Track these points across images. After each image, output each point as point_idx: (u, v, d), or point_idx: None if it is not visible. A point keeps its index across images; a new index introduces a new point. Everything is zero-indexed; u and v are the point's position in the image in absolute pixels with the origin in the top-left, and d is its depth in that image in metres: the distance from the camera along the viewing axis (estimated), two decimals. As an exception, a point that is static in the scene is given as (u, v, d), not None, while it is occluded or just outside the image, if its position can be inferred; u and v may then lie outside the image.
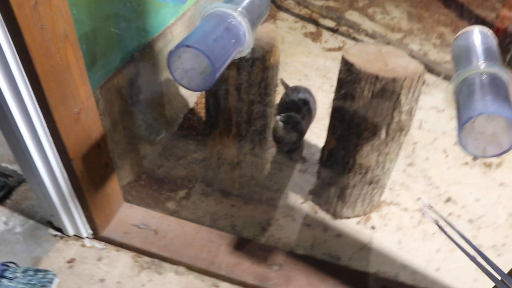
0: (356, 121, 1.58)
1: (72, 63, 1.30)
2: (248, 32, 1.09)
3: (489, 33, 1.22)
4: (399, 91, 1.46)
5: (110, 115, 1.69)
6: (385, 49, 1.61)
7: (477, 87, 1.00)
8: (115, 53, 1.64)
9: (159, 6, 1.87)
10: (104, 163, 1.64)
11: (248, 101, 1.59)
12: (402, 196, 2.10)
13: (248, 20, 1.07)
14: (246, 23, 1.07)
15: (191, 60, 1.03)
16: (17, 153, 1.45)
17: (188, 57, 1.02)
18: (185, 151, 2.19)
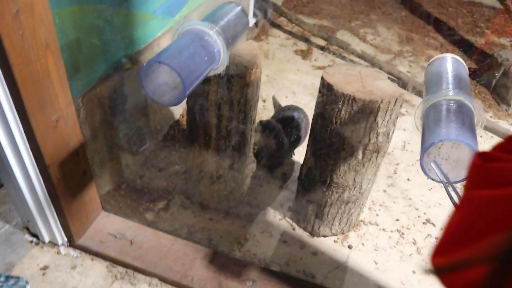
0: (334, 141, 1.60)
1: (52, 71, 1.31)
2: (223, 50, 1.11)
3: (461, 61, 1.25)
4: (375, 113, 1.49)
5: (91, 124, 1.70)
6: (365, 71, 1.63)
7: (443, 113, 1.02)
8: (99, 63, 1.66)
9: (147, 18, 1.89)
10: (82, 171, 1.64)
11: (228, 117, 1.60)
12: (381, 216, 2.11)
13: (223, 39, 1.10)
14: (221, 41, 1.09)
15: (164, 75, 1.05)
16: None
17: (162, 72, 1.04)
18: (167, 163, 2.20)
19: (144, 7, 1.84)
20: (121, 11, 1.70)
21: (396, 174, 2.37)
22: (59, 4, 1.37)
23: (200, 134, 1.71)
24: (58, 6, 1.37)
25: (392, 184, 2.30)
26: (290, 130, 2.20)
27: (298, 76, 3.07)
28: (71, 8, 1.43)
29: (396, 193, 2.25)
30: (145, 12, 1.86)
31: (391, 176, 2.35)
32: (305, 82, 3.00)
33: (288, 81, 3.00)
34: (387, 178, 2.33)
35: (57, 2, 1.35)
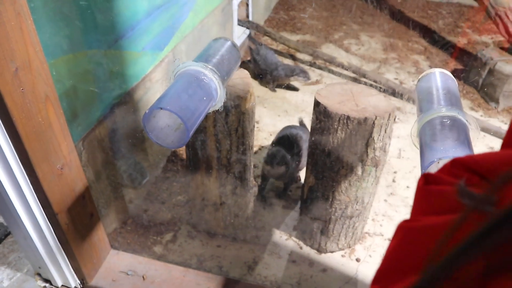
0: (332, 160, 1.63)
1: (54, 121, 1.34)
2: (219, 88, 1.14)
3: (449, 74, 1.29)
4: (371, 130, 1.53)
5: (93, 166, 1.72)
6: (356, 88, 1.68)
7: (438, 130, 1.06)
8: (95, 105, 1.69)
9: (137, 56, 1.93)
10: (89, 213, 1.66)
11: (227, 147, 1.64)
12: (385, 226, 2.14)
13: (218, 77, 1.13)
14: (217, 79, 1.13)
15: (165, 118, 1.08)
16: (2, 209, 1.47)
17: (163, 115, 1.07)
18: (169, 194, 2.22)
19: (133, 46, 1.88)
20: (112, 53, 1.74)
21: (395, 183, 2.40)
22: (54, 55, 1.40)
23: (201, 165, 1.74)
24: (53, 57, 1.40)
25: (392, 193, 2.33)
26: (290, 148, 2.20)
27: (288, 94, 3.11)
28: (65, 57, 1.46)
29: (397, 201, 2.28)
30: (134, 50, 1.90)
31: (390, 185, 2.39)
32: (295, 99, 3.05)
33: (279, 100, 3.04)
34: (387, 188, 2.37)
35: (52, 54, 1.39)
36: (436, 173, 0.52)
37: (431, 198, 0.50)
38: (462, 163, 0.50)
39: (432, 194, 0.50)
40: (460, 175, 0.49)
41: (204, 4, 2.61)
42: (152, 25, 2.00)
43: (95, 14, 1.57)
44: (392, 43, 4.01)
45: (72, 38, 1.47)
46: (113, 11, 1.70)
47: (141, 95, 1.99)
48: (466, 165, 0.49)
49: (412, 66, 3.66)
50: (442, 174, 0.51)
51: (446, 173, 0.51)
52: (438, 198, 0.49)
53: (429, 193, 0.51)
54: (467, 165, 0.49)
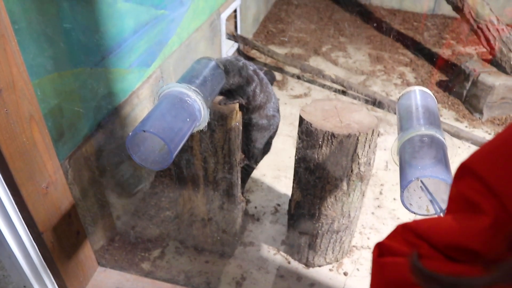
0: (318, 175, 1.65)
1: (38, 140, 1.35)
2: (202, 108, 1.16)
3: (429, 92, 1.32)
4: (355, 146, 1.55)
5: (79, 184, 1.72)
6: (341, 104, 1.70)
7: (417, 149, 1.08)
8: (81, 123, 1.69)
9: (125, 73, 1.94)
10: (75, 232, 1.66)
11: (213, 165, 1.65)
12: (372, 239, 2.15)
13: (201, 97, 1.15)
14: (200, 100, 1.14)
15: (149, 139, 1.09)
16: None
17: (147, 136, 1.08)
18: (157, 209, 2.22)
19: (120, 63, 1.89)
20: (98, 71, 1.75)
21: (382, 195, 2.42)
22: (38, 74, 1.41)
23: (188, 183, 1.75)
24: (38, 76, 1.41)
25: (379, 205, 2.35)
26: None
27: (276, 107, 3.13)
28: (50, 76, 1.47)
29: (384, 214, 2.30)
30: (122, 67, 1.91)
31: (378, 197, 2.41)
32: (283, 112, 3.07)
33: (268, 113, 3.06)
34: (374, 200, 2.39)
35: (36, 73, 1.39)
36: (389, 242, 0.54)
37: (386, 273, 0.52)
38: (413, 230, 0.52)
39: (386, 267, 0.52)
40: (411, 241, 0.51)
41: (192, 20, 2.63)
42: (139, 42, 2.01)
43: (80, 32, 1.58)
44: (379, 55, 4.06)
45: (57, 57, 1.48)
46: (99, 29, 1.71)
47: (129, 112, 1.99)
48: (416, 233, 0.51)
49: (398, 78, 3.71)
50: (395, 243, 0.53)
51: (399, 239, 0.53)
52: (392, 272, 0.51)
53: (383, 266, 0.53)
54: (417, 233, 0.51)
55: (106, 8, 1.72)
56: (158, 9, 2.15)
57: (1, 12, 1.09)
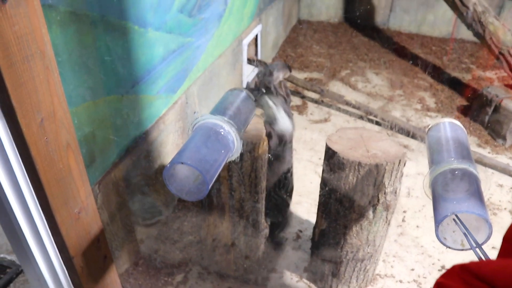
0: (344, 204, 1.65)
1: (74, 167, 1.38)
2: (236, 139, 1.18)
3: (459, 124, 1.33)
4: (382, 175, 1.55)
5: (107, 208, 1.75)
6: (366, 133, 1.72)
7: (449, 183, 1.09)
8: (112, 149, 1.73)
9: (152, 99, 1.99)
10: (103, 256, 1.68)
11: (240, 192, 1.67)
12: (396, 267, 2.13)
13: (235, 129, 1.17)
14: (234, 131, 1.17)
15: (185, 170, 1.12)
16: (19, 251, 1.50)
17: (182, 167, 1.11)
18: (180, 234, 2.23)
19: (148, 90, 1.94)
20: (129, 97, 1.79)
21: (404, 222, 2.41)
22: (75, 103, 1.45)
23: (214, 209, 1.76)
24: (75, 104, 1.45)
25: (402, 233, 2.34)
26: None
27: (296, 132, 3.15)
28: (85, 104, 1.52)
29: (407, 241, 2.28)
30: (150, 94, 1.96)
31: (400, 224, 2.39)
32: (304, 137, 3.09)
33: (289, 138, 3.08)
34: (397, 227, 2.37)
35: (74, 102, 1.44)
36: (448, 282, 0.54)
37: None
38: (474, 271, 0.52)
39: None
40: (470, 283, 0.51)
41: (216, 47, 2.69)
42: (166, 69, 2.06)
43: (114, 62, 1.63)
44: (398, 80, 4.07)
45: (92, 86, 1.53)
46: (132, 58, 1.76)
47: (155, 137, 2.03)
48: (478, 275, 0.51)
49: (418, 103, 3.71)
50: (454, 283, 0.53)
51: (457, 280, 0.53)
52: None
53: None
54: (479, 275, 0.51)
55: (138, 38, 1.77)
56: (185, 37, 2.21)
57: (47, 46, 1.14)
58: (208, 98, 2.69)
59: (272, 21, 4.09)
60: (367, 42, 4.85)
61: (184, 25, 2.16)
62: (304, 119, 3.35)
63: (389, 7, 5.18)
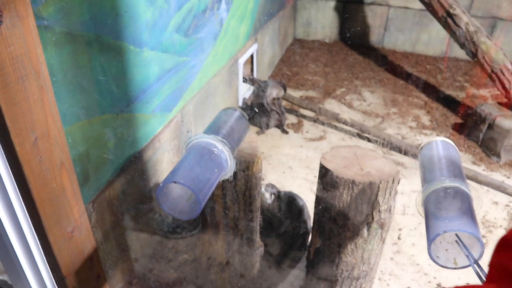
0: (338, 222, 1.65)
1: (67, 186, 1.38)
2: (229, 158, 1.19)
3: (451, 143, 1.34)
4: (376, 193, 1.56)
5: (101, 227, 1.75)
6: (360, 151, 1.73)
7: (442, 202, 1.09)
8: (106, 167, 1.73)
9: (147, 118, 2.00)
10: (96, 275, 1.67)
11: (234, 213, 1.67)
12: (392, 285, 2.12)
13: (228, 148, 1.18)
14: (227, 151, 1.18)
15: (178, 189, 1.12)
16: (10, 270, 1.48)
17: (175, 186, 1.11)
18: (175, 252, 2.22)
19: (144, 108, 1.95)
20: (124, 116, 1.80)
21: (400, 240, 2.40)
22: (70, 122, 1.46)
23: (208, 228, 1.76)
24: (69, 123, 1.46)
25: (398, 251, 2.33)
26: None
27: (292, 150, 3.17)
28: (80, 123, 1.52)
29: (403, 259, 2.28)
30: (145, 112, 1.97)
31: (396, 242, 2.39)
32: (300, 155, 3.10)
33: (283, 156, 3.09)
34: (392, 245, 2.36)
35: (68, 120, 1.45)
36: None
37: None
38: None
39: None
40: None
41: (211, 65, 2.71)
42: (162, 88, 2.08)
43: (110, 81, 1.65)
44: (393, 98, 4.11)
45: (87, 105, 1.54)
46: (127, 77, 1.78)
47: (150, 156, 2.04)
48: None
49: (413, 120, 3.74)
50: None
51: None
52: None
53: None
54: None
55: (133, 57, 1.79)
56: (180, 57, 2.23)
57: (42, 66, 1.15)
58: (204, 117, 2.71)
59: (268, 40, 4.13)
60: (362, 61, 4.90)
61: (179, 44, 2.19)
62: (300, 137, 3.37)
63: (383, 26, 5.25)
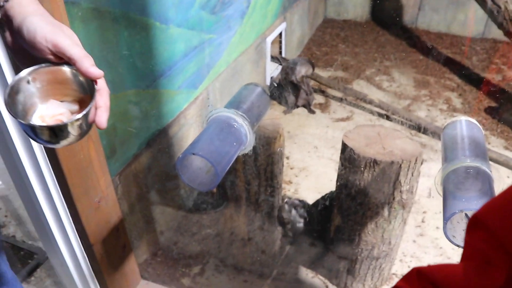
0: (359, 201, 1.66)
1: (94, 158, 1.44)
2: (249, 132, 1.21)
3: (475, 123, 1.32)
4: (397, 173, 1.55)
5: (127, 199, 1.81)
6: (384, 131, 1.71)
7: (461, 180, 1.08)
8: (132, 142, 1.78)
9: (173, 94, 2.04)
10: (122, 245, 1.74)
11: (256, 186, 1.69)
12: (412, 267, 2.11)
13: (248, 123, 1.20)
14: (247, 125, 1.19)
15: (197, 161, 1.15)
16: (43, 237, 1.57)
17: (195, 158, 1.14)
18: (199, 227, 2.28)
19: (170, 84, 1.98)
20: (150, 92, 1.84)
21: (424, 223, 2.38)
22: (97, 96, 1.50)
23: (230, 203, 1.79)
24: (96, 98, 1.50)
25: (421, 233, 2.31)
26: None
27: (318, 130, 3.16)
28: (107, 97, 1.57)
29: (426, 242, 2.26)
30: (171, 89, 2.00)
31: (420, 225, 2.37)
32: (326, 135, 3.09)
33: (309, 136, 3.09)
34: (416, 228, 2.35)
35: (95, 95, 1.49)
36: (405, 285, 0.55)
37: None
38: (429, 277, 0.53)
39: None
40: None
41: (238, 43, 2.72)
42: (188, 64, 2.10)
43: (136, 57, 1.68)
44: (424, 80, 4.01)
45: (113, 80, 1.58)
46: (153, 54, 1.81)
47: (176, 131, 2.08)
48: (432, 281, 0.52)
49: (444, 103, 3.65)
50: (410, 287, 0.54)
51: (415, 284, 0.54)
52: None
53: None
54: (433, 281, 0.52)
55: (159, 34, 1.82)
56: (207, 34, 2.25)
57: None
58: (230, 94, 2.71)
59: (297, 19, 4.09)
60: (393, 41, 4.78)
61: (206, 22, 2.20)
62: (327, 117, 3.35)
63: (417, 5, 5.09)
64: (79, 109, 0.71)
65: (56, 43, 0.64)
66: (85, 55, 0.66)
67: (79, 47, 0.66)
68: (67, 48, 0.64)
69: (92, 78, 0.67)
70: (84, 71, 0.66)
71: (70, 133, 0.65)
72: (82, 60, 0.65)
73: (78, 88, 0.71)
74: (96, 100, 0.68)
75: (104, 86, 0.69)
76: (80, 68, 0.66)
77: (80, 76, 0.68)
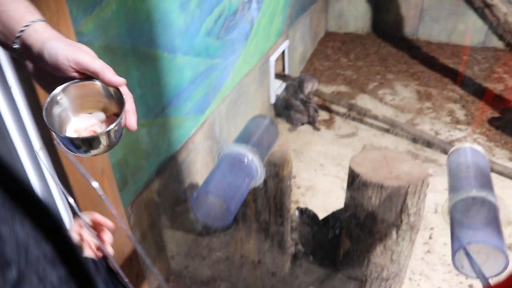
0: (367, 225, 1.68)
1: (108, 191, 1.47)
2: (259, 167, 1.24)
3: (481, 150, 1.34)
4: (405, 197, 1.58)
5: (139, 227, 1.84)
6: (390, 154, 1.74)
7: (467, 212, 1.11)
8: (143, 171, 1.82)
9: (182, 120, 2.07)
10: (136, 274, 1.76)
11: (265, 213, 1.72)
12: (422, 286, 2.13)
13: (258, 157, 1.23)
14: (257, 159, 1.23)
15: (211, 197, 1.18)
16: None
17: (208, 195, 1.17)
18: (209, 250, 2.30)
19: (178, 112, 2.02)
20: (159, 121, 1.88)
21: (431, 240, 2.40)
22: (109, 130, 1.54)
23: (240, 229, 1.83)
24: (108, 131, 1.54)
25: (429, 250, 2.33)
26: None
27: (324, 147, 3.19)
28: (118, 130, 1.60)
29: (434, 259, 2.28)
30: (180, 116, 2.04)
31: (427, 242, 2.39)
32: (331, 152, 3.12)
33: (315, 153, 3.12)
34: (423, 245, 2.36)
35: (107, 129, 1.53)
36: None
37: None
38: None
39: None
40: None
41: (243, 65, 2.76)
42: (195, 91, 2.15)
43: (145, 88, 1.72)
44: (427, 92, 4.04)
45: (125, 113, 1.61)
46: (161, 83, 1.85)
47: (184, 157, 2.11)
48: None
49: (448, 115, 3.68)
50: None
51: None
52: None
53: None
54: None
55: (167, 63, 1.86)
56: (213, 59, 2.29)
57: (83, 83, 1.23)
58: (236, 116, 2.76)
59: (299, 35, 4.14)
60: (395, 53, 4.83)
61: (211, 47, 2.25)
62: (332, 133, 3.38)
63: (418, 17, 5.14)
64: (106, 117, 0.75)
65: (78, 60, 0.68)
66: (106, 66, 0.70)
67: (99, 61, 0.70)
68: (89, 63, 0.69)
69: (116, 86, 0.71)
70: (107, 81, 0.70)
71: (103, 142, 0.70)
72: (104, 71, 0.70)
73: (102, 98, 0.75)
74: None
75: (127, 91, 0.73)
76: (103, 79, 0.70)
77: (104, 87, 0.73)
